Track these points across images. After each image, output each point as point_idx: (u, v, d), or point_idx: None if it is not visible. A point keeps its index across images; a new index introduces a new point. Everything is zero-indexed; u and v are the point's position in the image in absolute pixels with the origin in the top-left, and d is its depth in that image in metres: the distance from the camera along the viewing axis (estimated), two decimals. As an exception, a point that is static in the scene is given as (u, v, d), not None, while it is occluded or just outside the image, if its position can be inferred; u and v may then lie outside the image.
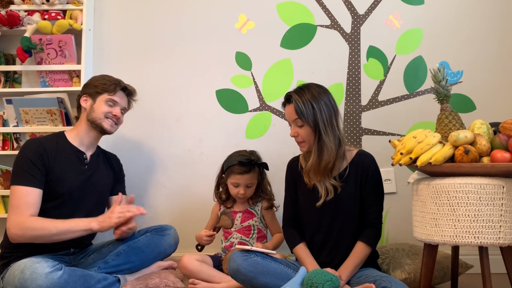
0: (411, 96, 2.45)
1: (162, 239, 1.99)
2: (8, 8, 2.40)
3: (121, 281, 1.84)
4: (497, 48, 2.44)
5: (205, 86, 2.51)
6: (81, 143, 1.96)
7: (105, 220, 1.76)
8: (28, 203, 1.74)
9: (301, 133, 1.79)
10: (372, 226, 1.81)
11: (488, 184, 1.55)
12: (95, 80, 2.00)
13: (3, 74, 2.47)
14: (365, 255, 1.78)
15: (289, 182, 1.94)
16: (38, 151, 1.82)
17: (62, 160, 1.87)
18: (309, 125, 1.76)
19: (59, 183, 1.84)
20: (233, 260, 1.70)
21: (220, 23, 2.53)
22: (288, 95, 1.84)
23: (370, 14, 2.49)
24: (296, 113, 1.77)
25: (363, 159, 1.84)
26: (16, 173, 1.80)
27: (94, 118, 1.93)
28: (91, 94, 1.96)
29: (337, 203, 1.80)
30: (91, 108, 1.94)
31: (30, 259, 1.66)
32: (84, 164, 1.95)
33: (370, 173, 1.82)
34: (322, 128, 1.75)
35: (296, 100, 1.77)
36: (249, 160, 2.10)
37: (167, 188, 2.48)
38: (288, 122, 1.86)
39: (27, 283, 1.58)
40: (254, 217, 2.16)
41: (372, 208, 1.82)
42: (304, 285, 1.60)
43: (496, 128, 1.72)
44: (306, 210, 1.87)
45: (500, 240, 1.55)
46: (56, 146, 1.89)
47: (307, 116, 1.75)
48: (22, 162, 1.80)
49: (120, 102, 2.00)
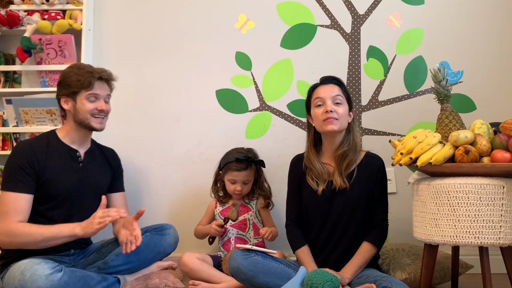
0: (411, 96, 2.45)
1: (161, 239, 1.99)
2: (7, 8, 2.40)
3: (121, 281, 1.84)
4: (497, 48, 2.43)
5: (205, 86, 2.51)
6: (72, 141, 1.91)
7: (87, 226, 1.71)
8: (16, 209, 1.72)
9: (337, 109, 1.79)
10: (380, 228, 1.83)
11: (489, 184, 1.55)
12: (68, 77, 1.86)
13: (3, 74, 2.47)
14: (371, 255, 1.79)
15: (294, 179, 1.92)
16: (27, 156, 1.78)
17: (54, 161, 1.83)
18: (349, 105, 1.85)
19: (53, 184, 1.81)
20: (234, 259, 1.70)
21: (220, 23, 2.52)
22: (329, 76, 1.90)
23: (370, 14, 2.49)
24: (342, 90, 1.84)
25: (372, 160, 1.85)
26: (5, 179, 1.77)
27: (81, 120, 1.86)
28: (69, 94, 1.86)
29: (344, 204, 1.80)
30: (75, 109, 1.86)
31: (30, 260, 1.65)
32: (78, 162, 1.91)
33: (379, 175, 1.83)
34: (354, 116, 1.88)
35: (341, 80, 1.89)
36: (246, 157, 2.13)
37: (167, 188, 2.48)
38: (320, 100, 1.82)
39: (27, 284, 1.57)
40: (250, 211, 2.18)
41: (379, 210, 1.83)
42: (304, 285, 1.60)
43: (496, 128, 1.72)
44: (312, 209, 1.86)
45: (500, 240, 1.55)
46: (47, 146, 1.84)
47: (350, 97, 1.87)
48: (11, 168, 1.78)
49: (101, 93, 1.89)
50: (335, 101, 1.80)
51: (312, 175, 1.85)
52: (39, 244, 1.71)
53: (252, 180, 2.18)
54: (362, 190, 1.80)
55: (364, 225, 1.83)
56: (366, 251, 1.78)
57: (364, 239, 1.80)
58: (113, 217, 1.71)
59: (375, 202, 1.83)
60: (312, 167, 1.85)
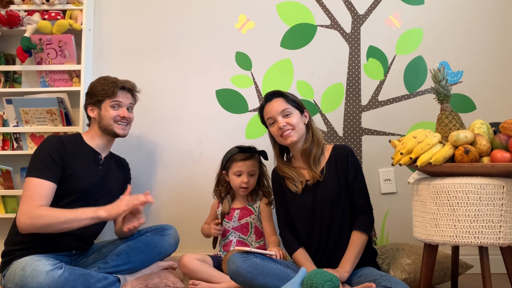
0: (411, 96, 2.45)
1: (162, 239, 1.99)
2: (8, 8, 2.40)
3: (121, 281, 1.84)
4: (497, 48, 2.44)
5: (205, 86, 2.51)
6: (96, 145, 2.01)
7: (113, 208, 1.78)
8: (40, 194, 1.76)
9: (290, 121, 1.86)
10: (363, 213, 1.84)
11: (488, 184, 1.55)
12: (94, 87, 2.02)
13: (3, 74, 2.47)
14: (363, 243, 1.80)
15: (276, 189, 1.99)
16: (58, 147, 1.86)
17: (79, 158, 1.92)
18: (299, 109, 1.90)
19: (75, 180, 1.87)
20: (232, 261, 1.70)
21: (220, 23, 2.53)
22: (271, 92, 1.94)
23: (370, 14, 2.49)
24: (286, 101, 1.89)
25: (339, 151, 1.89)
26: (33, 166, 1.82)
27: (105, 126, 1.99)
28: (95, 103, 2.00)
29: (324, 198, 1.83)
30: (100, 116, 1.99)
31: (32, 257, 1.67)
32: (99, 165, 1.99)
33: (349, 163, 1.86)
34: (309, 116, 1.94)
35: (282, 92, 1.92)
36: (249, 147, 2.17)
37: (167, 188, 2.48)
38: (271, 119, 1.89)
39: (28, 280, 1.59)
40: (252, 215, 2.17)
41: (358, 195, 1.85)
42: (304, 285, 1.60)
43: (496, 128, 1.72)
44: (297, 213, 1.89)
45: (500, 240, 1.55)
46: (75, 144, 1.94)
47: (297, 101, 1.91)
48: (40, 155, 1.83)
49: (124, 101, 2.03)
50: (284, 114, 1.87)
51: (289, 181, 1.91)
52: (61, 225, 1.72)
53: (257, 172, 2.18)
54: (337, 181, 1.84)
55: (348, 214, 1.84)
56: (358, 239, 1.79)
57: (353, 228, 1.82)
58: (141, 201, 1.80)
59: (353, 188, 1.85)
60: (285, 174, 1.92)
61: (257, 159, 2.18)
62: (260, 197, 2.21)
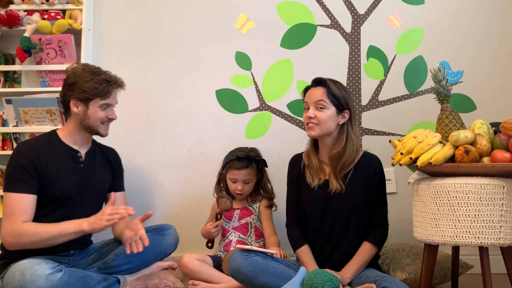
0: (411, 96, 2.45)
1: (162, 239, 1.99)
2: (7, 8, 2.40)
3: (121, 281, 1.84)
4: (497, 48, 2.43)
5: (205, 86, 2.51)
6: (74, 142, 1.89)
7: (95, 222, 1.71)
8: (20, 209, 1.72)
9: (318, 115, 1.78)
10: (379, 228, 1.83)
11: (489, 184, 1.55)
12: (83, 81, 1.82)
13: (3, 74, 2.47)
14: (371, 255, 1.79)
15: (292, 179, 1.93)
16: (29, 156, 1.77)
17: (55, 161, 1.82)
18: (337, 107, 1.79)
19: (55, 185, 1.81)
20: (233, 259, 1.70)
21: (220, 22, 2.52)
22: (318, 78, 1.85)
23: (370, 14, 2.48)
24: (327, 93, 1.79)
25: (369, 160, 1.84)
26: (8, 179, 1.77)
27: (90, 125, 1.86)
28: (82, 99, 1.83)
29: (341, 204, 1.80)
30: (85, 114, 1.84)
31: (30, 260, 1.65)
32: (79, 163, 1.90)
33: (376, 175, 1.83)
34: (353, 117, 1.83)
35: (331, 82, 1.83)
36: (247, 156, 2.12)
37: (167, 188, 2.48)
38: (306, 105, 1.83)
39: (27, 284, 1.57)
40: (252, 215, 2.17)
41: (379, 210, 1.83)
42: (304, 285, 1.60)
43: (497, 128, 1.72)
44: (310, 208, 1.86)
45: (500, 240, 1.55)
46: (49, 147, 1.83)
47: (339, 98, 1.79)
48: (13, 168, 1.77)
49: (113, 102, 1.91)
50: (318, 105, 1.79)
51: (310, 170, 1.87)
52: (46, 242, 1.70)
53: (254, 180, 2.17)
54: (359, 191, 1.80)
55: (363, 225, 1.83)
56: (367, 251, 1.78)
57: (365, 239, 1.81)
58: (121, 214, 1.70)
59: (374, 202, 1.83)
60: (310, 163, 1.87)
61: (254, 167, 2.16)
62: (260, 198, 2.20)
